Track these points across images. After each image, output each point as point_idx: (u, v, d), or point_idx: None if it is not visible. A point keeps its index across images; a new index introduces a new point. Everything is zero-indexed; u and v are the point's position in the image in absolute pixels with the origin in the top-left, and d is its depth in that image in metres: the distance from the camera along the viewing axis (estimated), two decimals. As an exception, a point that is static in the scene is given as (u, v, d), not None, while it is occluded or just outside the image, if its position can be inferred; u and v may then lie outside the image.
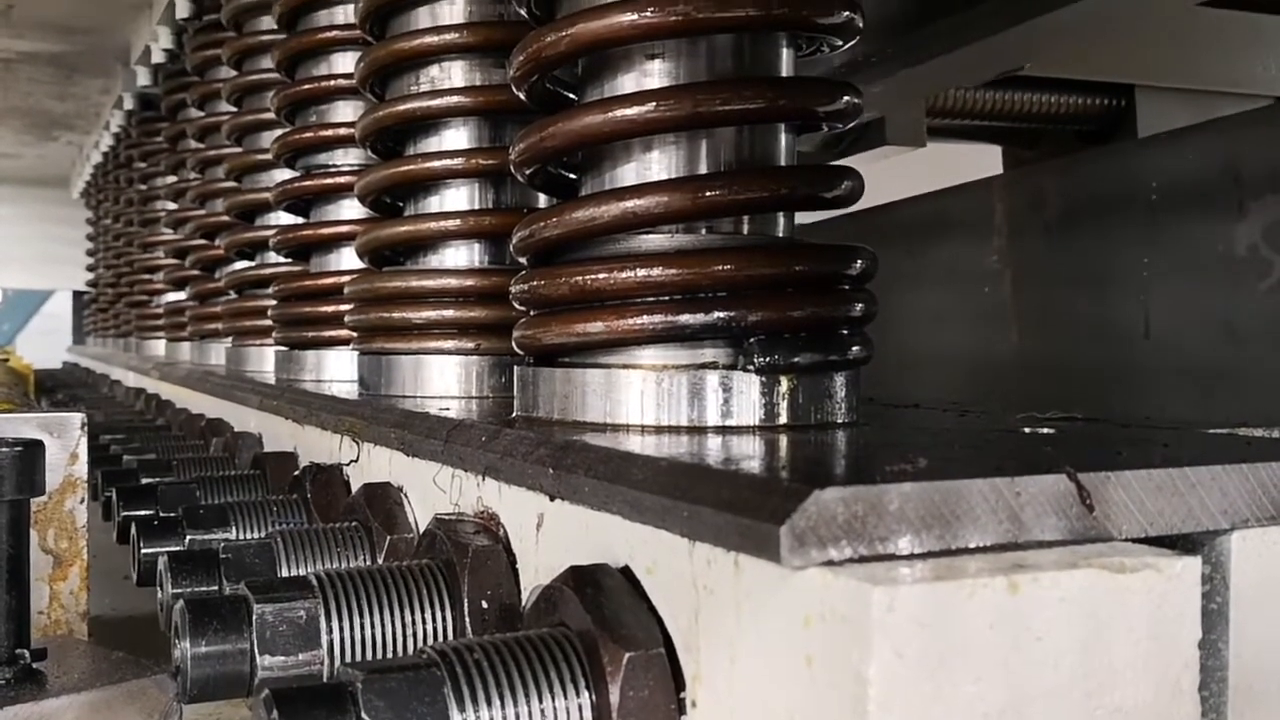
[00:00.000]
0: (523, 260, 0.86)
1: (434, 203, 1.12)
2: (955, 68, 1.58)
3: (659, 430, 0.73)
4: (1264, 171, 1.12)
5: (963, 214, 1.61)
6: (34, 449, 0.81)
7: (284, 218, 1.62)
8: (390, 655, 0.70)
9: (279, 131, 1.53)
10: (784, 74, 0.81)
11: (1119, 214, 1.29)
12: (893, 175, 1.94)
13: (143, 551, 1.02)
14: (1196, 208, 1.19)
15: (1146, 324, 1.23)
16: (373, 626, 0.70)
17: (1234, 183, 1.14)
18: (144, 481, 1.31)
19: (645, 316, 0.74)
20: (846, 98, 0.79)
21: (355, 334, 1.18)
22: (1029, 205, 1.47)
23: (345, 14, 1.41)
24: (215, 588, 0.86)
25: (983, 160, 2.33)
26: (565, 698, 0.55)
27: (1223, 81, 1.97)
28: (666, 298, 0.75)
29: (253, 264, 1.83)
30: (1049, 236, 1.43)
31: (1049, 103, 1.96)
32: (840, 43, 0.82)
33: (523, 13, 0.87)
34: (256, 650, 0.68)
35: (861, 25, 0.81)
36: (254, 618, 0.69)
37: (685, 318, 0.74)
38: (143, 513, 1.16)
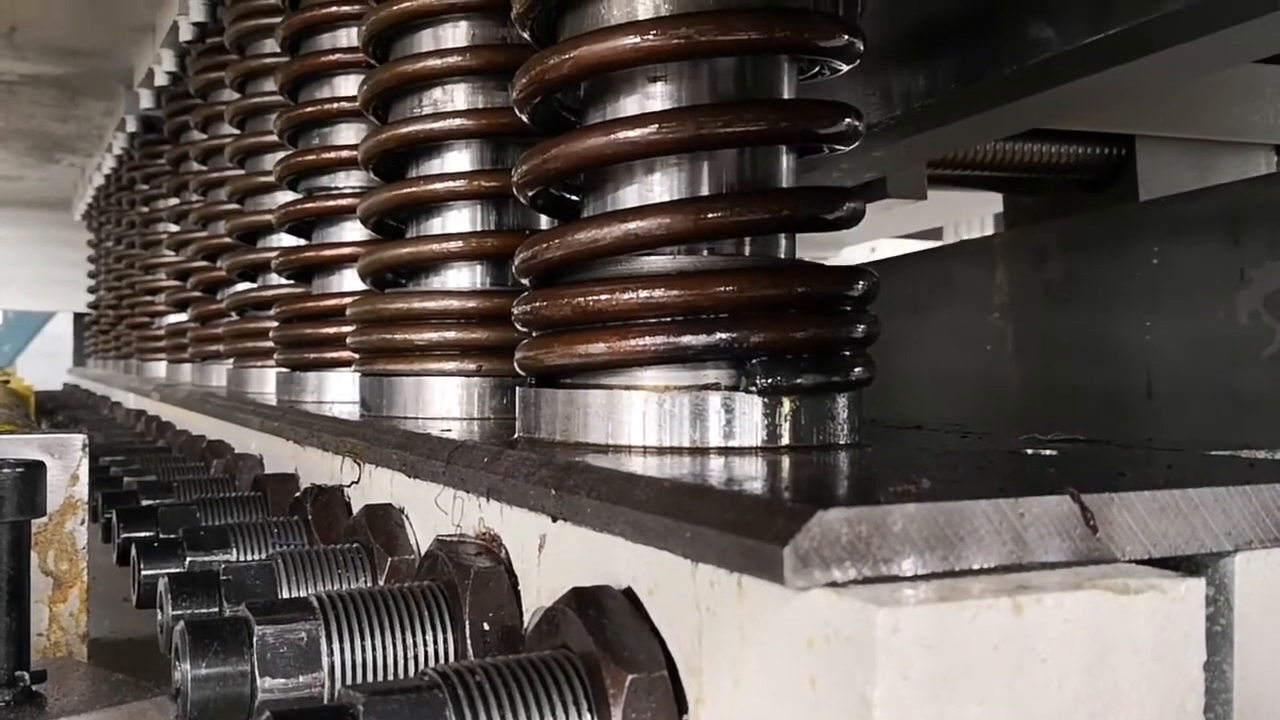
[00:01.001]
0: (525, 281, 0.86)
1: (436, 224, 1.13)
2: (960, 135, 1.60)
3: (661, 451, 0.73)
4: (1264, 239, 1.13)
5: (964, 272, 1.62)
6: (35, 470, 0.81)
7: (286, 239, 1.62)
8: (392, 677, 0.70)
9: (281, 154, 1.53)
10: (786, 96, 0.81)
11: (1120, 276, 1.30)
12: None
13: (143, 573, 1.02)
14: (1198, 273, 1.21)
15: (1149, 387, 1.23)
16: (374, 648, 0.70)
17: (1234, 248, 1.15)
18: (144, 503, 1.30)
19: (647, 338, 0.75)
20: (848, 120, 0.79)
21: (357, 355, 1.18)
22: (1030, 265, 1.48)
23: (349, 37, 1.42)
24: (215, 609, 0.85)
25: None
26: (567, 720, 0.54)
27: (1222, 131, 1.99)
28: (669, 319, 0.75)
29: (254, 286, 1.84)
30: (1050, 297, 1.44)
31: (1049, 153, 1.98)
32: (842, 65, 0.82)
33: (525, 36, 0.87)
34: (257, 672, 0.68)
35: (862, 49, 0.81)
36: (255, 639, 0.68)
37: (687, 339, 0.74)
38: (143, 534, 1.15)
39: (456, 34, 1.11)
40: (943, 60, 1.26)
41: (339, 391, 1.42)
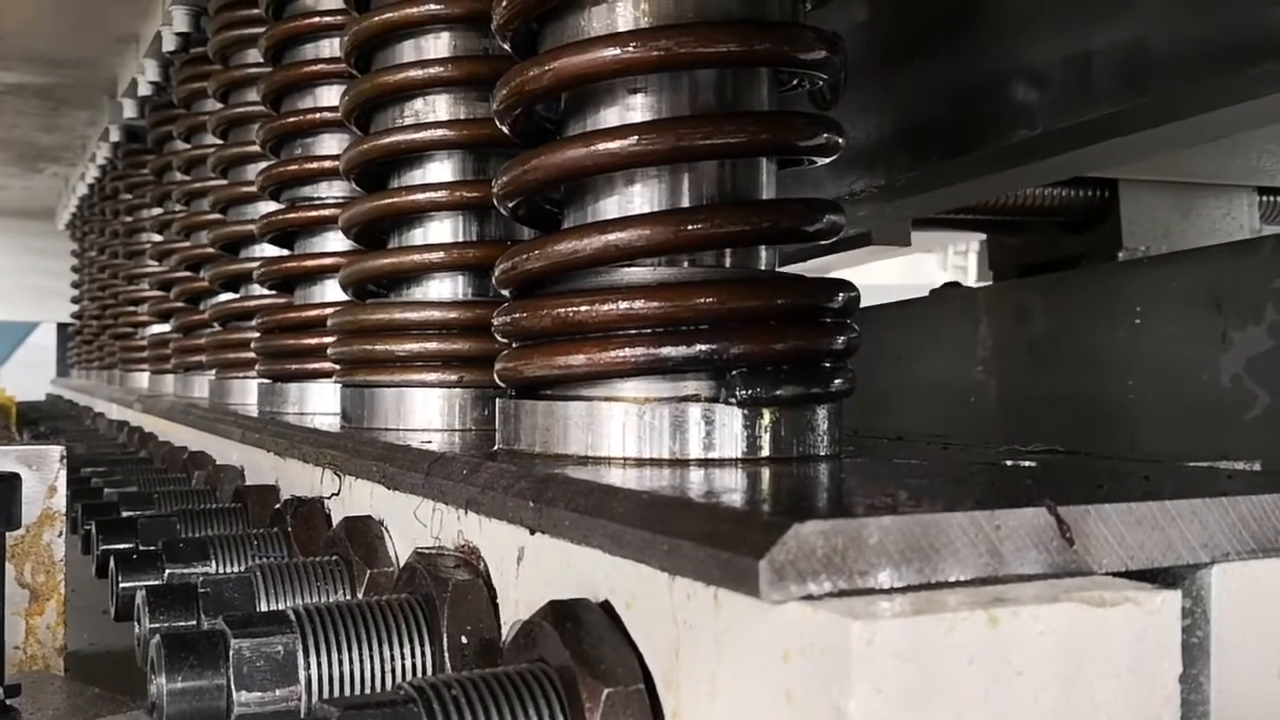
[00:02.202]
0: (505, 292, 0.86)
1: (418, 235, 1.12)
2: (945, 199, 1.63)
3: (641, 463, 0.73)
4: (1246, 304, 1.14)
5: (948, 324, 1.63)
6: (11, 482, 0.80)
7: (268, 250, 1.62)
8: (369, 691, 0.69)
9: (264, 164, 1.53)
10: (765, 109, 0.82)
11: (1104, 336, 1.31)
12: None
13: (121, 585, 1.01)
14: (1180, 334, 1.22)
15: (1132, 447, 1.24)
16: (351, 662, 0.69)
17: (1217, 312, 1.16)
18: (124, 515, 1.30)
19: (627, 349, 0.74)
20: (827, 134, 0.79)
21: (338, 366, 1.18)
22: (1014, 319, 1.50)
23: (331, 48, 1.42)
24: (193, 622, 0.85)
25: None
26: (544, 734, 0.54)
27: (1204, 174, 2.01)
28: (648, 330, 0.75)
29: (237, 296, 1.83)
30: (1033, 353, 1.45)
31: (1033, 195, 2.00)
32: (821, 78, 0.83)
33: (506, 47, 0.87)
34: (233, 686, 0.68)
35: (842, 62, 0.81)
36: (231, 653, 0.68)
37: (667, 350, 0.74)
38: (122, 546, 1.15)
39: (438, 45, 1.11)
40: (927, 137, 1.28)
41: (320, 403, 1.41)
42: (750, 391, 0.73)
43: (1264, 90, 0.97)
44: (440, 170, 1.11)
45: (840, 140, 0.81)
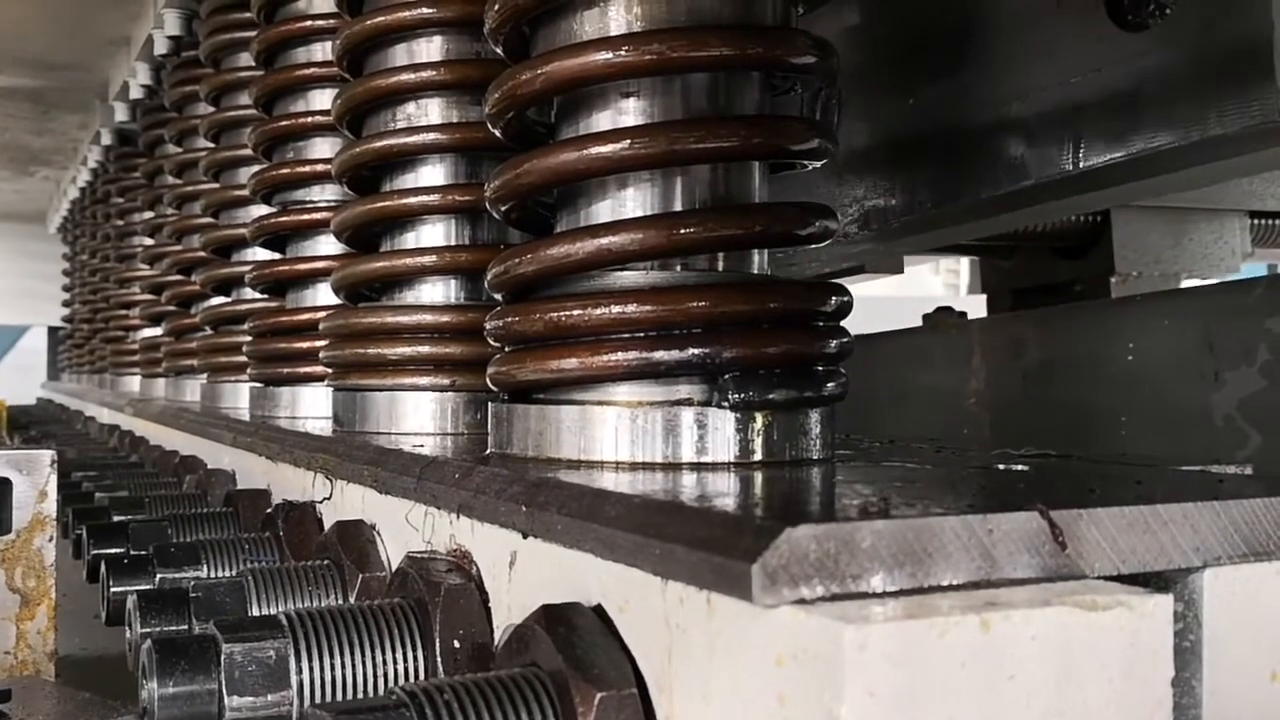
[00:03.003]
0: (498, 296, 0.86)
1: (410, 239, 1.12)
2: (937, 239, 1.65)
3: (634, 467, 0.73)
4: (1237, 345, 1.15)
5: (942, 355, 1.64)
6: (1, 487, 0.80)
7: (260, 253, 1.62)
8: (361, 696, 0.69)
9: (256, 167, 1.52)
10: (758, 112, 0.82)
11: (1096, 372, 1.32)
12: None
13: (112, 590, 1.01)
14: (1173, 373, 1.22)
15: None
16: (343, 666, 0.69)
17: (1209, 353, 1.17)
18: (115, 519, 1.29)
19: (620, 353, 0.74)
20: (819, 138, 0.79)
21: (330, 370, 1.17)
22: (1008, 353, 1.50)
23: (323, 51, 1.42)
24: (185, 627, 0.84)
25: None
26: (536, 739, 0.54)
27: (1196, 199, 2.02)
28: (641, 334, 0.74)
29: (229, 300, 1.83)
30: (1027, 386, 1.46)
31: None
32: (814, 81, 0.83)
33: (499, 51, 0.87)
34: (225, 691, 0.67)
35: (835, 67, 0.81)
36: (222, 658, 0.68)
37: (660, 354, 0.74)
38: (113, 551, 1.14)
39: (430, 49, 1.11)
40: (920, 184, 1.29)
41: (312, 407, 1.41)
42: (743, 395, 0.73)
43: (1260, 145, 0.98)
44: (432, 174, 1.11)
45: (832, 145, 0.81)
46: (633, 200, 0.79)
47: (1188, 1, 0.97)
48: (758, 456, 0.74)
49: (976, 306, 2.15)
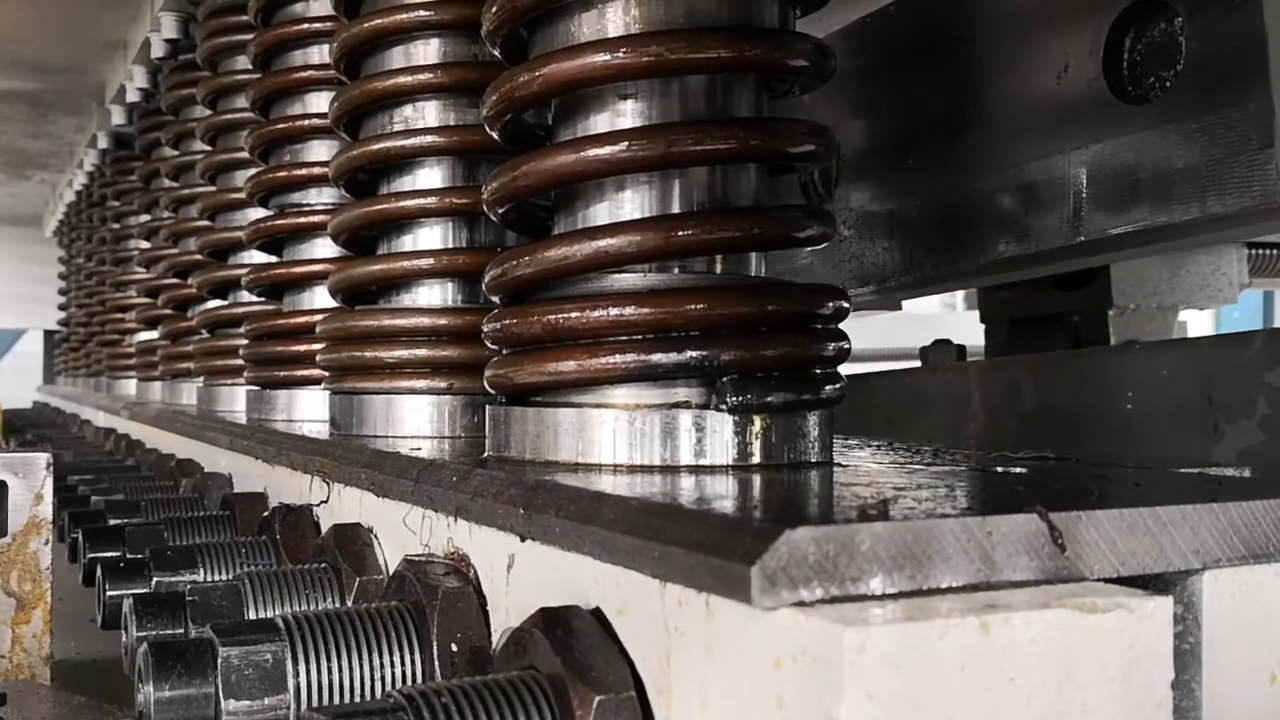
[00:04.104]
0: (495, 299, 0.86)
1: (407, 241, 1.12)
2: (934, 291, 1.66)
3: (632, 470, 0.73)
4: (1237, 398, 1.16)
5: (940, 396, 1.64)
6: (-3, 489, 0.79)
7: (257, 256, 1.61)
8: (358, 699, 0.69)
9: (253, 170, 1.52)
10: (756, 115, 0.81)
11: (1094, 420, 1.32)
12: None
13: (108, 594, 1.01)
14: (1172, 425, 1.23)
15: None
16: (340, 670, 0.69)
17: (1208, 405, 1.17)
18: (111, 523, 1.29)
19: (618, 355, 0.74)
20: (817, 141, 0.79)
21: (327, 373, 1.17)
22: (1005, 396, 1.51)
23: (320, 54, 1.42)
24: (181, 631, 0.84)
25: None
26: (534, 742, 0.54)
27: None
28: (639, 337, 0.74)
29: (225, 303, 1.82)
30: (1025, 430, 1.46)
31: None
32: (813, 84, 0.83)
33: (496, 53, 0.87)
34: (221, 694, 0.67)
35: (832, 69, 0.81)
36: (219, 661, 0.68)
37: (658, 357, 0.74)
38: (109, 554, 1.14)
39: (428, 51, 1.10)
40: (918, 247, 1.30)
41: (309, 410, 1.41)
42: (741, 398, 0.73)
43: (1261, 221, 0.99)
44: (430, 176, 1.11)
45: (829, 149, 0.81)
46: (630, 202, 0.79)
47: (1189, 78, 0.97)
48: (756, 459, 0.74)
49: (973, 322, 2.14)
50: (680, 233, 0.75)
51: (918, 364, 2.04)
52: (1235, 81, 0.92)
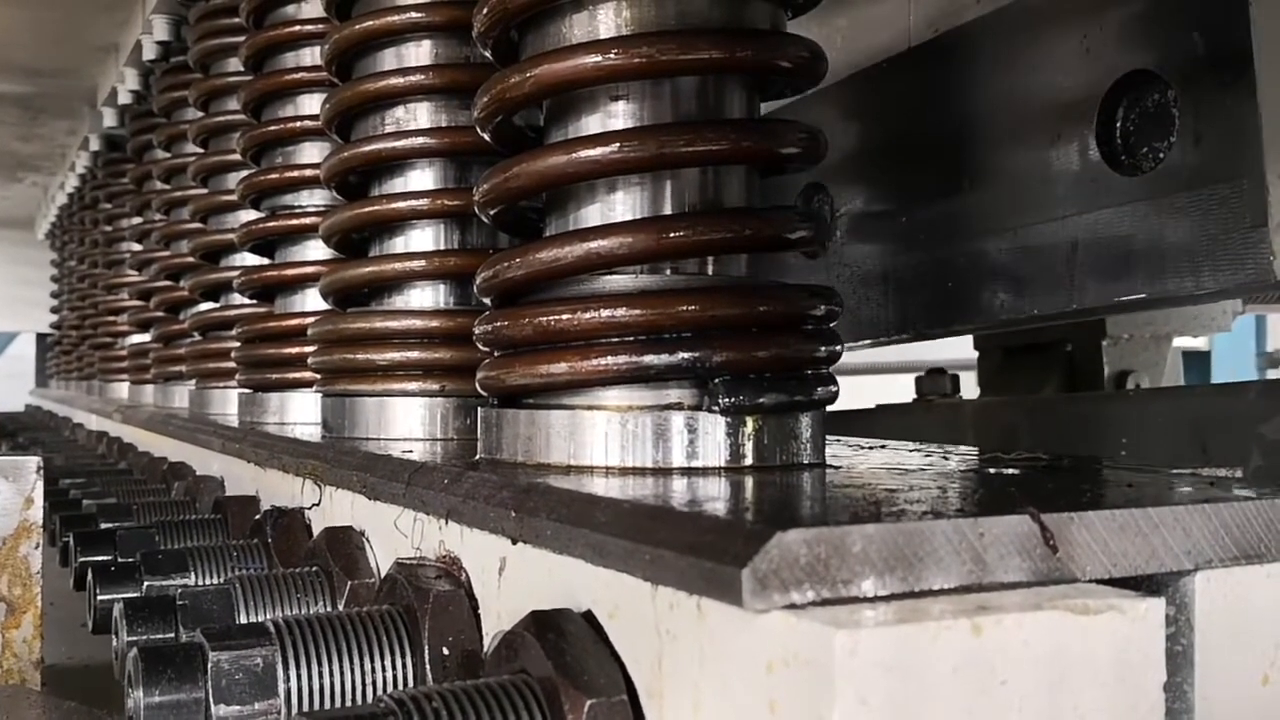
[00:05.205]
0: (487, 301, 0.85)
1: (399, 243, 1.12)
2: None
3: (624, 472, 0.73)
4: (1232, 446, 1.16)
5: (935, 436, 1.66)
6: (-14, 494, 0.79)
7: (249, 258, 1.61)
8: (349, 704, 0.69)
9: (244, 172, 1.52)
10: (748, 116, 0.81)
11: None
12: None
13: (99, 598, 1.00)
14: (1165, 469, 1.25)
15: None
16: (331, 674, 0.69)
17: (1202, 454, 1.18)
18: (102, 526, 1.28)
19: (610, 357, 0.74)
20: (809, 142, 0.79)
21: (319, 376, 1.17)
22: (1000, 439, 1.51)
23: (312, 56, 1.41)
24: (172, 635, 0.84)
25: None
26: (526, 746, 0.53)
27: None
28: (631, 338, 0.74)
29: (217, 305, 1.82)
30: None
31: None
32: (804, 85, 0.83)
33: (488, 55, 0.87)
34: (211, 699, 0.67)
35: (823, 70, 0.81)
36: (209, 666, 0.67)
37: (650, 358, 0.73)
38: (100, 558, 1.14)
39: (419, 53, 1.10)
40: (913, 305, 1.30)
41: (301, 412, 1.40)
42: (733, 399, 0.73)
43: (1254, 293, 0.99)
44: (421, 178, 1.11)
45: (821, 148, 0.80)
46: (622, 204, 0.79)
47: (1182, 151, 0.97)
48: (748, 461, 0.74)
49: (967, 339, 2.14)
50: (672, 234, 0.75)
51: (915, 368, 2.05)
52: (1229, 157, 0.92)
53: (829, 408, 0.80)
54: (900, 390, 2.64)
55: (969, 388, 2.35)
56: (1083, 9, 1.07)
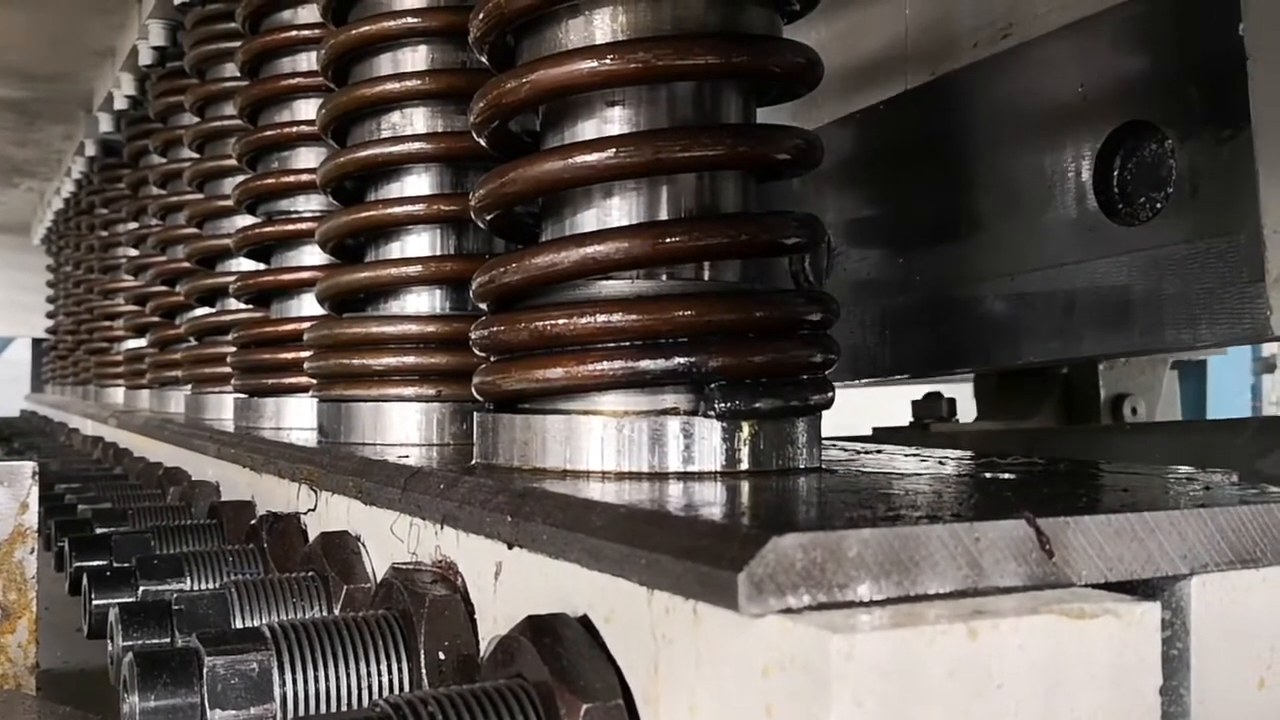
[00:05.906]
0: (483, 306, 0.85)
1: (395, 248, 1.12)
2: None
3: (620, 477, 0.73)
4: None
5: None
6: (-19, 498, 0.79)
7: (245, 264, 1.61)
8: (345, 708, 0.69)
9: (241, 178, 1.52)
10: (744, 121, 0.81)
11: None
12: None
13: (94, 603, 1.00)
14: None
15: None
16: (327, 679, 0.69)
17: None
18: (98, 531, 1.28)
19: (606, 362, 0.74)
20: (805, 146, 0.79)
21: (315, 381, 1.17)
22: None
23: (308, 61, 1.41)
24: (167, 640, 0.84)
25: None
26: (522, 751, 0.53)
27: None
28: (627, 343, 0.74)
29: (213, 310, 1.82)
30: None
31: None
32: (800, 90, 0.83)
33: (484, 60, 0.87)
34: (207, 704, 0.67)
35: (819, 76, 0.81)
36: (205, 670, 0.67)
37: (646, 363, 0.73)
38: (95, 563, 1.13)
39: (415, 58, 1.10)
40: (909, 348, 1.31)
41: (297, 418, 1.40)
42: (729, 404, 0.73)
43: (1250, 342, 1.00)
44: (417, 183, 1.11)
45: (818, 152, 0.81)
46: (618, 209, 0.79)
47: (1179, 202, 0.96)
48: (744, 466, 0.74)
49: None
50: (668, 239, 0.75)
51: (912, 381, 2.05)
52: (1226, 211, 0.92)
53: (824, 432, 0.80)
54: (896, 395, 2.64)
55: (965, 399, 2.35)
56: (1081, 57, 1.07)
